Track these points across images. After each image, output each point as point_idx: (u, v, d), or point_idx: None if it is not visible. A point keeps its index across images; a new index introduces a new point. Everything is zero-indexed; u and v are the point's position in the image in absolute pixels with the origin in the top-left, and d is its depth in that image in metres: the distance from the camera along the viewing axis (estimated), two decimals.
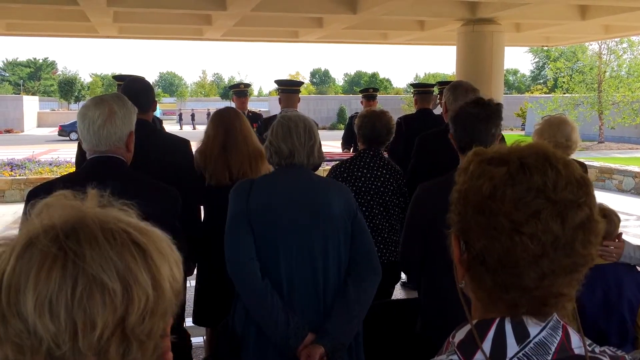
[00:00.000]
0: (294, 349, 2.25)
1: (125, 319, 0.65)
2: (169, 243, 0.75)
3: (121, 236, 0.69)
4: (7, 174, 12.09)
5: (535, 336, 0.86)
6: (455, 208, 0.91)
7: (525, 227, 0.83)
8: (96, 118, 2.11)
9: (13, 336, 0.63)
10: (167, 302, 0.71)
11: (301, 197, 2.36)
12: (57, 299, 0.63)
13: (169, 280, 0.71)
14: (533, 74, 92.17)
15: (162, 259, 0.71)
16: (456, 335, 0.91)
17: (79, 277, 0.64)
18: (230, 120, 3.28)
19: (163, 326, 0.71)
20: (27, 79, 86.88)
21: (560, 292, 0.86)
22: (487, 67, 7.80)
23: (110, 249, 0.67)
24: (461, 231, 0.90)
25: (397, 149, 4.97)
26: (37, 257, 0.65)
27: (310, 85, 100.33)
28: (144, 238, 0.71)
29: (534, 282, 0.84)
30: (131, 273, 0.67)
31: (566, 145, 3.51)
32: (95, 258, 0.66)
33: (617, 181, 13.36)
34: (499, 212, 0.84)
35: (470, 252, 0.88)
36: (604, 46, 27.64)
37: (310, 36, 10.28)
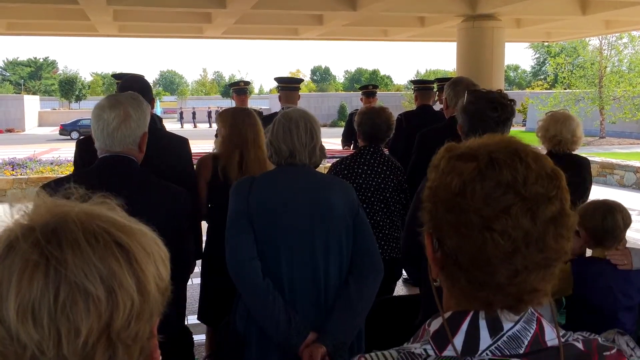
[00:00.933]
0: (296, 349, 2.23)
1: (111, 324, 0.65)
2: (155, 240, 0.73)
3: (104, 238, 0.68)
4: (9, 173, 12.10)
5: (509, 329, 0.86)
6: (426, 205, 0.90)
7: (495, 223, 0.82)
8: (111, 120, 2.12)
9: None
10: (153, 304, 0.69)
11: (302, 195, 2.34)
12: (39, 306, 0.62)
13: (154, 280, 0.70)
14: (534, 70, 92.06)
15: (147, 259, 0.70)
16: (432, 324, 0.92)
17: (62, 284, 0.63)
18: (246, 122, 3.24)
19: (149, 328, 0.70)
20: (28, 78, 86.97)
21: (535, 287, 0.86)
22: (488, 63, 7.79)
23: (93, 253, 0.66)
24: (433, 229, 0.89)
25: (398, 145, 4.96)
26: (19, 263, 0.64)
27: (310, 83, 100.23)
28: (128, 238, 0.70)
29: (507, 279, 0.83)
30: (115, 278, 0.66)
31: (572, 141, 3.51)
32: (78, 264, 0.64)
33: (618, 176, 13.34)
34: (469, 209, 0.83)
35: (444, 250, 0.88)
36: (604, 41, 27.59)
37: (311, 33, 10.27)
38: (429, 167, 0.93)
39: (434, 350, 0.88)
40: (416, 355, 0.89)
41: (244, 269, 2.25)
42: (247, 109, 3.50)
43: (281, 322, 2.21)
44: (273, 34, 10.84)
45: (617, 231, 2.67)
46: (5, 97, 50.08)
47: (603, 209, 2.69)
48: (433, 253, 0.90)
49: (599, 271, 2.66)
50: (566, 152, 3.51)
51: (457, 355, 0.86)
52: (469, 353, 0.86)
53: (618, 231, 2.67)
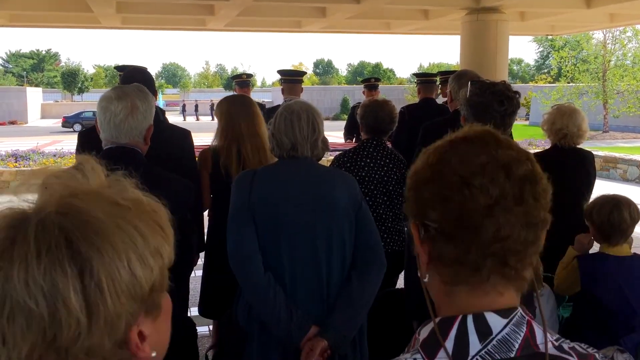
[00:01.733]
0: (297, 343, 2.22)
1: (56, 340, 0.63)
2: (141, 236, 0.71)
3: (58, 246, 0.65)
4: (12, 165, 12.13)
5: (498, 333, 0.85)
6: (409, 195, 0.94)
7: (473, 179, 0.86)
8: (118, 112, 2.13)
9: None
10: (113, 317, 0.66)
11: (305, 189, 2.32)
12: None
13: (123, 288, 0.67)
14: (537, 64, 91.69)
15: (114, 265, 0.67)
16: (421, 333, 0.91)
17: (6, 300, 0.63)
18: (241, 114, 3.23)
19: (116, 339, 0.68)
20: (31, 70, 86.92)
21: (519, 250, 0.86)
22: (492, 56, 7.77)
23: (38, 267, 0.64)
24: (418, 215, 0.92)
25: (401, 138, 4.96)
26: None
27: (313, 76, 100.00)
28: (92, 243, 0.67)
29: (491, 233, 0.85)
30: (59, 295, 0.63)
31: (578, 135, 3.49)
32: (22, 278, 0.63)
33: (621, 170, 13.31)
34: (447, 172, 0.88)
35: (429, 232, 0.90)
36: (608, 35, 27.47)
37: (314, 26, 10.24)
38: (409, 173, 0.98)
39: (423, 358, 0.87)
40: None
41: (246, 263, 2.24)
42: (244, 97, 3.48)
43: (282, 316, 2.20)
44: (276, 27, 10.82)
45: (624, 226, 2.66)
46: (8, 89, 50.09)
47: (611, 203, 2.69)
48: (420, 241, 0.91)
49: (605, 267, 2.66)
50: (571, 146, 3.50)
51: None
52: (459, 359, 0.85)
53: (624, 226, 2.66)
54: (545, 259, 2.78)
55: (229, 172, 3.11)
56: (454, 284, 0.89)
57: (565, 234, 3.01)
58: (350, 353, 2.36)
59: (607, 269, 2.64)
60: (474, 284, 0.88)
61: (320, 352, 2.19)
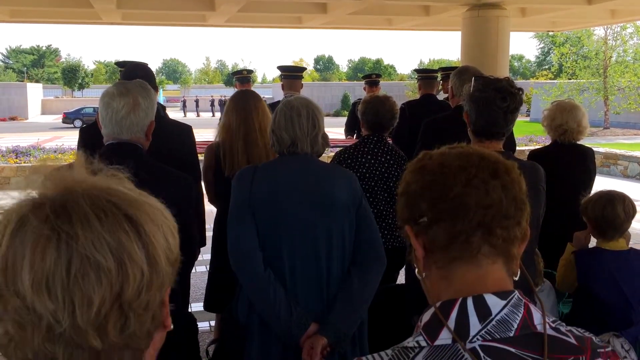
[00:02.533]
0: (297, 340, 2.23)
1: (122, 294, 0.67)
2: (163, 212, 0.76)
3: (112, 212, 0.69)
4: (13, 161, 12.13)
5: (497, 313, 0.89)
6: (400, 202, 1.02)
7: (452, 162, 0.97)
8: (120, 108, 2.13)
9: (13, 313, 0.65)
10: (163, 274, 0.72)
11: (305, 185, 2.31)
12: (53, 278, 0.65)
13: (163, 251, 0.72)
14: (538, 60, 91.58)
15: (156, 230, 0.72)
16: (422, 319, 0.95)
17: (73, 257, 0.65)
18: (250, 110, 3.21)
19: (160, 297, 0.72)
20: (31, 66, 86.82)
21: (502, 220, 0.93)
22: (492, 52, 7.74)
23: (102, 227, 0.68)
24: (409, 213, 0.98)
25: (401, 135, 4.95)
26: (31, 237, 0.66)
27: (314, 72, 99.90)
28: (136, 210, 0.72)
29: (474, 200, 0.92)
30: (125, 250, 0.68)
31: (578, 131, 3.49)
32: (88, 237, 0.66)
33: (622, 167, 13.31)
34: (429, 164, 0.99)
35: (420, 224, 0.96)
36: (609, 31, 27.41)
37: (314, 22, 10.21)
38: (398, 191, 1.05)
39: (426, 340, 0.90)
40: (409, 349, 0.91)
41: (245, 259, 2.24)
42: (255, 94, 3.44)
43: (282, 313, 2.21)
44: (276, 23, 10.79)
45: (618, 221, 2.66)
46: (8, 85, 50.08)
47: (604, 199, 2.70)
48: (415, 237, 0.97)
49: (601, 261, 2.66)
50: (571, 142, 3.50)
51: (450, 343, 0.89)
52: (460, 339, 0.88)
53: (618, 221, 2.66)
54: (546, 255, 2.81)
55: (233, 167, 3.11)
56: (449, 262, 0.94)
57: (565, 230, 3.02)
58: (350, 350, 2.36)
59: (603, 263, 2.65)
60: (468, 258, 0.93)
61: (320, 350, 2.20)
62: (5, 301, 0.65)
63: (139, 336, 0.70)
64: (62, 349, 0.65)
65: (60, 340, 0.65)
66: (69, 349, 0.66)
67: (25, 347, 0.66)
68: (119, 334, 0.67)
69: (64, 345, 0.65)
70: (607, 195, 2.73)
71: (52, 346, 0.65)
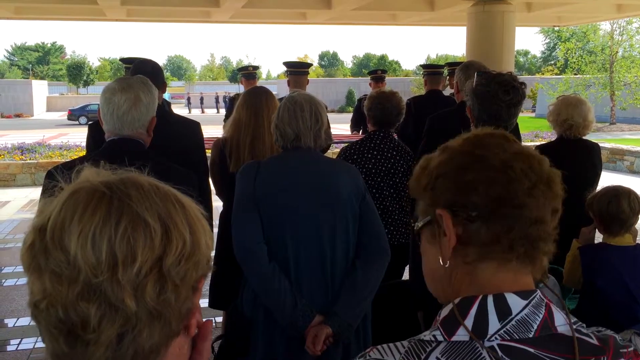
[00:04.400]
0: (302, 331, 2.25)
1: (163, 258, 0.68)
2: (203, 215, 0.78)
3: (164, 190, 0.74)
4: (18, 157, 12.17)
5: (517, 313, 0.87)
6: (438, 185, 0.95)
7: (514, 163, 0.91)
8: (122, 104, 2.13)
9: (53, 266, 0.65)
10: (202, 255, 0.73)
11: (309, 179, 2.34)
12: (100, 232, 0.66)
13: (204, 241, 0.74)
14: (544, 55, 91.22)
15: (200, 223, 0.75)
16: (441, 313, 0.93)
17: (124, 213, 0.67)
18: (261, 106, 3.20)
19: (195, 277, 0.73)
20: (36, 63, 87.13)
21: (545, 235, 0.91)
22: (498, 47, 7.71)
23: (155, 195, 0.71)
24: (452, 200, 0.93)
25: (407, 130, 4.95)
26: (85, 197, 0.68)
27: (318, 68, 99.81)
28: (185, 200, 0.75)
29: (533, 213, 0.90)
30: (171, 218, 0.70)
31: (584, 126, 3.47)
32: (140, 199, 0.69)
33: (628, 162, 13.26)
34: (490, 156, 0.92)
35: (461, 215, 0.91)
36: (615, 26, 27.27)
37: (319, 18, 10.21)
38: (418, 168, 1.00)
39: (443, 335, 0.89)
40: (425, 342, 0.90)
41: (251, 252, 2.26)
42: (268, 91, 3.41)
43: (287, 305, 2.23)
44: (281, 18, 10.79)
45: (623, 216, 2.65)
46: (13, 82, 50.25)
47: (610, 194, 2.69)
48: (450, 227, 0.92)
49: (606, 256, 2.66)
50: (577, 137, 3.48)
51: (467, 340, 0.87)
52: (478, 337, 0.86)
53: (623, 216, 2.65)
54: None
55: (239, 163, 3.10)
56: (480, 260, 0.92)
57: (571, 226, 3.01)
58: (354, 341, 2.39)
59: (607, 258, 2.64)
60: (501, 261, 0.91)
61: (324, 339, 2.22)
62: (49, 254, 0.66)
63: (172, 307, 0.69)
64: (95, 308, 0.65)
65: (95, 298, 0.65)
66: (102, 308, 0.65)
67: (57, 305, 0.65)
68: (156, 298, 0.67)
69: (98, 304, 0.65)
70: (613, 190, 2.72)
71: (85, 304, 0.65)
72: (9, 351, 4.26)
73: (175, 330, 0.71)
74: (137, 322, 0.66)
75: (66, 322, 0.65)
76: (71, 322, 0.65)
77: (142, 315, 0.67)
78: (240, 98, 3.35)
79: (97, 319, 0.65)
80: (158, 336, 0.69)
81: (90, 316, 0.65)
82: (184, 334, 0.75)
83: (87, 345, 0.66)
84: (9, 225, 8.20)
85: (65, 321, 0.65)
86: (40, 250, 0.67)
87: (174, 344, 0.73)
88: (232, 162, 3.19)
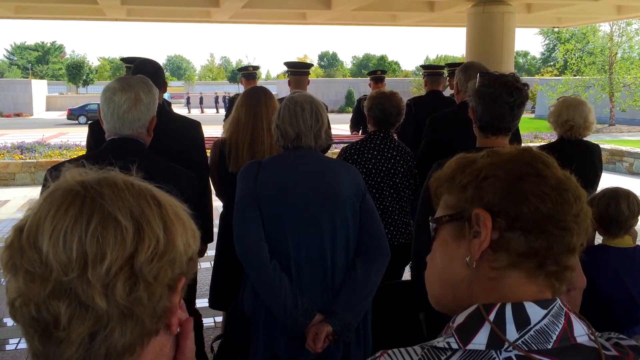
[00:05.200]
0: (302, 330, 2.26)
1: (135, 257, 0.68)
2: (186, 214, 0.77)
3: (140, 188, 0.73)
4: (18, 157, 12.17)
5: (536, 323, 0.85)
6: (488, 185, 0.92)
7: (567, 185, 0.91)
8: (122, 103, 2.13)
9: (27, 265, 0.66)
10: (178, 253, 0.72)
11: (309, 179, 2.35)
12: (71, 231, 0.66)
13: (181, 237, 0.73)
14: (543, 56, 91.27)
15: (178, 221, 0.74)
16: (456, 320, 0.90)
17: (95, 212, 0.68)
18: (260, 106, 3.19)
19: (171, 276, 0.72)
20: (36, 62, 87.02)
21: (574, 264, 0.91)
22: (498, 48, 7.72)
23: (128, 193, 0.71)
24: (498, 204, 0.90)
25: (407, 131, 4.94)
26: (60, 196, 0.69)
27: (318, 69, 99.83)
28: (162, 198, 0.75)
29: (574, 238, 0.89)
30: (144, 216, 0.70)
31: (584, 127, 3.47)
32: (113, 198, 0.69)
33: (627, 164, 13.27)
34: (549, 174, 0.91)
35: (501, 221, 0.89)
36: (615, 27, 27.28)
37: (319, 18, 10.21)
38: (475, 158, 0.98)
39: (457, 343, 0.86)
40: (440, 350, 0.87)
41: (252, 251, 2.28)
42: (267, 91, 3.39)
43: (288, 303, 2.24)
44: (281, 19, 10.79)
45: (622, 217, 2.65)
46: (13, 81, 50.24)
47: (609, 195, 2.69)
48: (489, 228, 0.90)
49: (605, 258, 2.66)
50: (578, 138, 3.48)
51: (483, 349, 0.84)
52: (495, 347, 0.84)
53: (622, 218, 2.65)
54: None
55: (238, 164, 3.10)
56: (509, 268, 0.90)
57: None
58: (354, 340, 2.40)
59: (607, 260, 2.64)
60: (530, 272, 0.90)
61: (325, 338, 2.24)
62: (24, 253, 0.67)
63: (145, 306, 0.69)
64: (65, 306, 0.65)
65: (66, 296, 0.66)
66: (72, 307, 0.66)
67: (30, 303, 0.66)
68: (126, 296, 0.67)
69: (68, 302, 0.66)
70: (612, 192, 2.72)
71: (56, 302, 0.65)
72: (8, 350, 4.26)
73: (150, 329, 0.71)
74: (109, 320, 0.67)
75: (39, 320, 0.66)
76: (44, 320, 0.66)
77: (114, 314, 0.67)
78: (239, 98, 3.33)
79: (67, 317, 0.66)
80: (131, 335, 0.69)
81: (61, 314, 0.66)
82: (165, 333, 0.74)
83: (59, 344, 0.66)
84: (8, 224, 8.20)
85: (38, 319, 0.66)
86: (17, 250, 0.68)
87: (154, 343, 0.72)
88: (231, 162, 3.18)
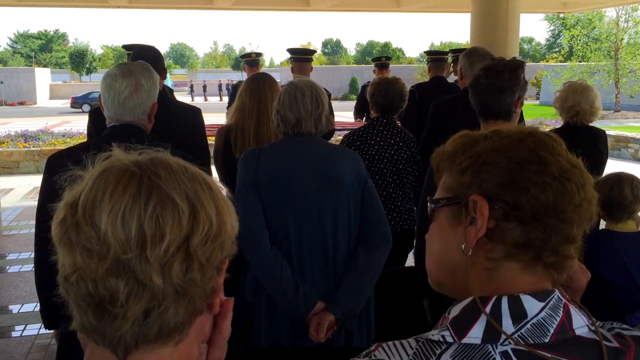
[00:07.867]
0: (304, 317, 2.26)
1: (190, 238, 0.69)
2: (230, 198, 0.79)
3: (192, 171, 0.75)
4: (22, 145, 12.19)
5: (533, 316, 0.83)
6: (487, 171, 0.88)
7: (571, 175, 0.87)
8: (123, 89, 2.11)
9: (84, 241, 0.67)
10: (227, 236, 0.74)
11: (310, 165, 2.34)
12: (130, 210, 0.67)
13: (229, 221, 0.75)
14: (548, 42, 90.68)
15: (226, 205, 0.76)
16: (451, 312, 0.88)
17: (154, 192, 0.69)
18: (265, 92, 3.17)
19: (220, 258, 0.74)
20: (39, 51, 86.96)
21: (573, 254, 0.89)
22: (502, 34, 7.65)
23: (183, 176, 0.72)
24: (497, 192, 0.87)
25: (410, 117, 4.92)
26: (116, 175, 0.70)
27: (322, 56, 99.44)
28: (211, 181, 0.77)
29: (574, 229, 0.87)
30: (199, 199, 0.71)
31: (590, 112, 3.45)
32: (169, 179, 0.71)
33: (632, 150, 13.21)
34: (552, 162, 0.88)
35: (499, 210, 0.86)
36: (621, 12, 27.05)
37: (322, 4, 10.14)
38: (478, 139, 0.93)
39: (452, 337, 0.84)
40: (435, 343, 0.85)
41: (252, 238, 2.27)
42: (271, 77, 3.36)
43: (289, 291, 2.24)
44: (284, 5, 10.72)
45: (625, 202, 2.64)
46: (16, 69, 50.25)
47: (612, 180, 2.68)
48: (486, 215, 0.86)
49: (608, 242, 2.65)
50: (583, 124, 3.46)
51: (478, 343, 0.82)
52: (490, 340, 0.82)
53: (626, 202, 2.64)
54: None
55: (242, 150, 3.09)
56: (505, 258, 0.87)
57: None
58: (356, 328, 2.39)
59: (610, 244, 2.63)
60: (528, 264, 0.87)
61: (328, 326, 2.23)
62: (80, 230, 0.67)
63: (198, 286, 0.71)
64: (123, 283, 0.66)
65: (124, 274, 0.66)
66: (130, 284, 0.66)
67: (87, 279, 0.67)
68: (182, 276, 0.68)
69: (127, 280, 0.66)
70: (615, 176, 2.71)
71: (114, 280, 0.66)
72: (14, 337, 4.29)
73: (199, 308, 0.73)
74: (164, 299, 0.68)
75: (95, 296, 0.67)
76: (100, 296, 0.67)
77: (169, 293, 0.68)
78: (242, 85, 3.31)
79: (125, 294, 0.66)
80: (183, 314, 0.70)
81: (119, 291, 0.66)
82: (207, 312, 0.76)
83: (114, 319, 0.67)
84: (12, 212, 8.22)
85: (94, 295, 0.67)
86: (72, 226, 0.68)
87: (197, 321, 0.74)
88: (237, 148, 3.17)
